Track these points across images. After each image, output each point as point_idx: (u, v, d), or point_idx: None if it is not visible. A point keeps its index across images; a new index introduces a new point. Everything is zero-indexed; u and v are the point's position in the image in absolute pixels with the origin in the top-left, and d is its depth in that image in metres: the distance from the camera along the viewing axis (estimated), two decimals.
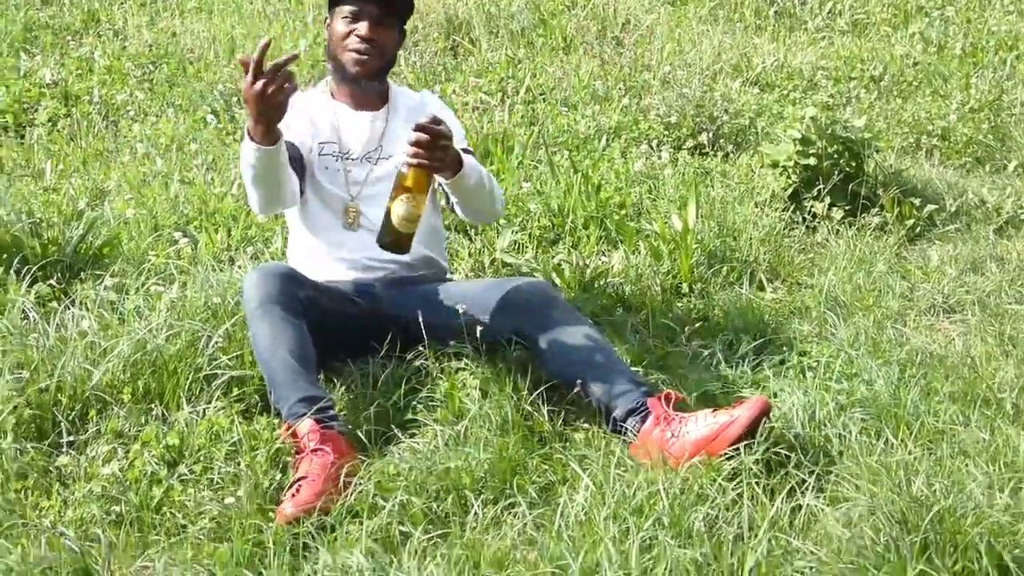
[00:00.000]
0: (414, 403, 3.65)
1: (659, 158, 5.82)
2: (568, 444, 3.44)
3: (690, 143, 6.09)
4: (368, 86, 3.93)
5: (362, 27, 3.83)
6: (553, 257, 4.68)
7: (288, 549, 2.98)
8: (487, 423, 3.43)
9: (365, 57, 3.85)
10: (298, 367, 3.40)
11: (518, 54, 7.46)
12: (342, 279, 3.86)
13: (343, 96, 3.99)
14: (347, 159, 3.92)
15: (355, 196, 3.91)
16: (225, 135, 6.00)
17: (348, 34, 3.85)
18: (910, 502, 2.89)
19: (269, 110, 3.33)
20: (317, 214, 3.93)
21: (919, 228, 5.21)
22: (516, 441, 3.36)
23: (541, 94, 6.77)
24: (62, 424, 3.48)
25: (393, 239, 3.47)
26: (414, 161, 3.35)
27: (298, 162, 3.79)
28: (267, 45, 3.30)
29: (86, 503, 3.16)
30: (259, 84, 3.27)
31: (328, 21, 3.93)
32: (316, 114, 3.95)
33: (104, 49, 7.21)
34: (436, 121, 3.39)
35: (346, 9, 3.86)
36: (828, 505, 3.08)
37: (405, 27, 4.00)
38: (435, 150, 3.38)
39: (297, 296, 3.56)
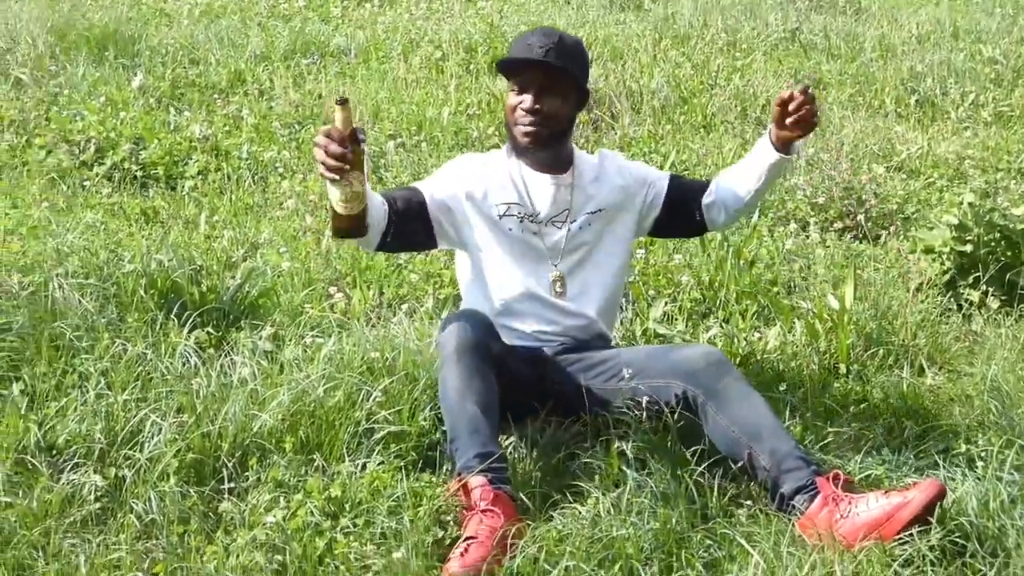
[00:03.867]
0: (574, 469, 3.60)
1: (808, 238, 5.76)
2: (732, 520, 3.36)
3: (838, 225, 6.03)
4: (544, 155, 3.90)
5: (527, 100, 3.82)
6: (707, 331, 4.63)
7: None
8: (648, 494, 3.37)
9: (532, 129, 3.84)
10: (482, 420, 3.38)
11: (660, 130, 7.45)
12: (516, 343, 3.84)
13: (526, 159, 3.96)
14: (533, 221, 3.89)
15: (557, 264, 3.89)
16: None
17: (516, 107, 3.85)
18: None
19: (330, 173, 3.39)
20: (511, 279, 3.89)
21: None
22: (680, 513, 3.29)
23: (685, 170, 6.74)
24: (223, 470, 3.48)
25: (343, 226, 3.52)
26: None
27: (414, 215, 3.82)
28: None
29: (249, 550, 3.14)
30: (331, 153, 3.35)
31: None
32: (496, 176, 3.93)
33: (251, 107, 7.31)
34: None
35: (513, 82, 3.87)
36: None
37: (587, 86, 3.94)
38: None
39: (491, 348, 3.55)
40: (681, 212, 4.02)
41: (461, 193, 3.89)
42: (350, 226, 3.54)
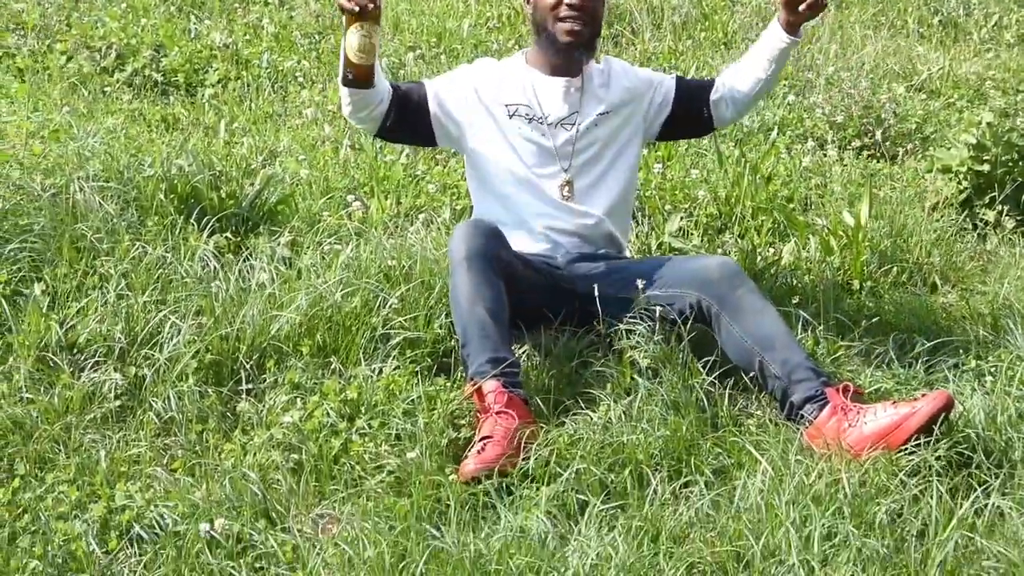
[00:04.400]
0: (586, 377, 3.65)
1: (825, 156, 5.76)
2: (742, 428, 3.41)
3: (856, 143, 6.02)
4: (580, 55, 3.90)
5: None
6: (721, 245, 4.65)
7: (467, 507, 3.00)
8: (659, 402, 3.42)
9: (578, 26, 3.82)
10: (492, 326, 3.41)
11: (680, 46, 7.42)
12: (527, 249, 3.85)
13: (538, 63, 3.96)
14: (542, 123, 3.91)
15: (567, 168, 3.90)
16: None
17: (558, 3, 3.82)
18: None
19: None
20: (519, 182, 3.90)
21: None
22: (691, 421, 3.34)
23: None
24: (241, 372, 3.54)
25: (354, 74, 3.67)
26: None
27: (415, 105, 3.90)
28: None
29: (266, 449, 3.21)
30: None
31: None
32: (508, 79, 3.95)
33: (272, 17, 7.29)
34: None
35: None
36: (1015, 507, 3.02)
37: None
38: None
39: (500, 256, 3.57)
40: (690, 110, 4.05)
41: (471, 91, 3.92)
42: (359, 75, 3.68)
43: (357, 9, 3.51)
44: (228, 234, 4.23)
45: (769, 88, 4.08)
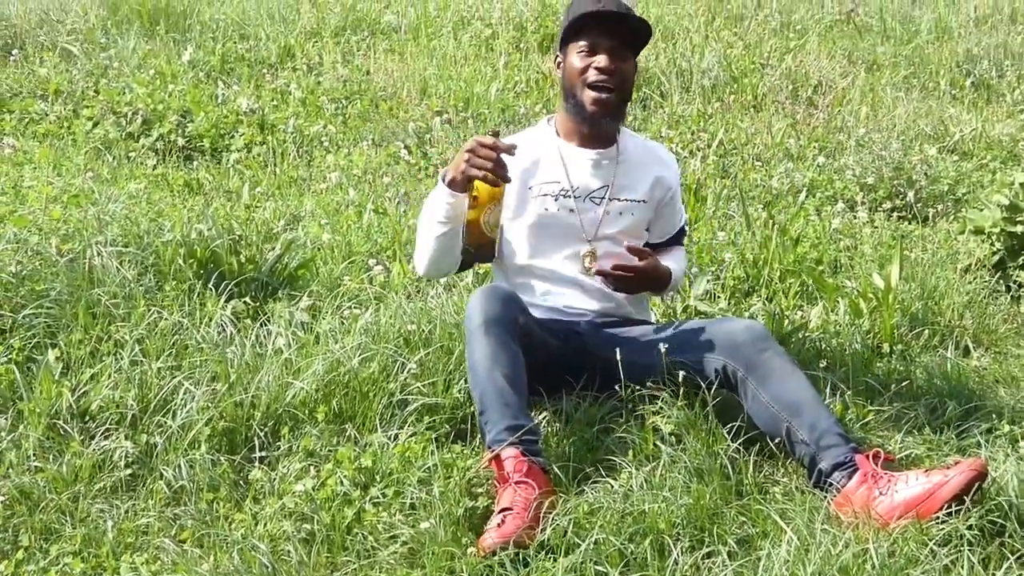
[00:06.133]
0: (607, 443, 3.57)
1: (855, 218, 5.69)
2: (767, 496, 3.31)
3: (887, 205, 5.95)
4: (608, 123, 3.83)
5: (600, 59, 3.73)
6: (748, 309, 4.58)
7: None
8: (682, 469, 3.33)
9: (604, 94, 3.75)
10: (511, 392, 3.33)
11: (709, 109, 7.38)
12: (549, 317, 3.79)
13: (567, 131, 3.89)
14: (568, 197, 3.83)
15: (591, 240, 3.83)
16: (417, 170, 6.03)
17: (586, 68, 3.75)
18: None
19: (475, 170, 3.41)
20: (542, 254, 3.84)
21: None
22: (714, 489, 3.25)
23: (733, 148, 6.68)
24: (255, 439, 3.47)
25: (483, 242, 3.61)
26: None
27: None
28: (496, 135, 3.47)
29: (278, 519, 3.13)
30: (486, 146, 3.40)
31: (559, 60, 3.86)
32: (538, 156, 3.87)
33: (299, 82, 7.30)
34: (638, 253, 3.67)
35: (582, 43, 3.77)
36: None
37: (637, 59, 3.88)
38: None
39: (518, 321, 3.50)
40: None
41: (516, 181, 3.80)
42: (487, 250, 3.69)
43: (500, 181, 3.46)
44: (247, 299, 4.19)
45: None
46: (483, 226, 3.55)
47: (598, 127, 3.83)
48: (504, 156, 3.47)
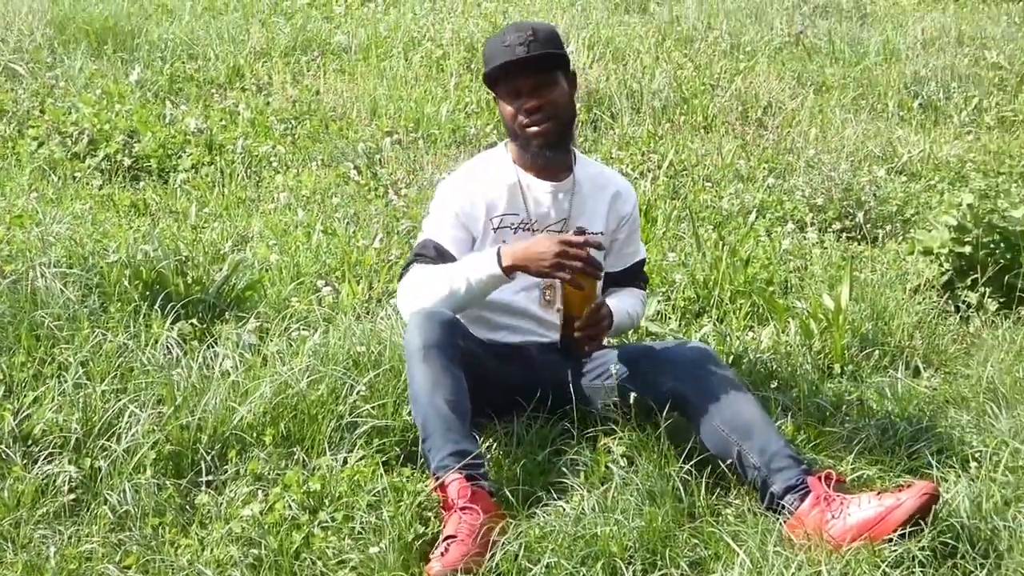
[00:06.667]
0: (559, 465, 3.54)
1: (805, 238, 5.71)
2: (720, 519, 3.30)
3: (836, 226, 5.98)
4: (555, 156, 3.78)
5: (527, 102, 3.69)
6: (699, 330, 4.57)
7: None
8: (634, 491, 3.31)
9: (540, 128, 3.70)
10: (453, 418, 3.30)
11: (659, 130, 7.38)
12: (503, 342, 3.77)
13: (526, 165, 3.83)
14: (529, 230, 3.78)
15: None
16: (367, 191, 5.98)
17: (515, 113, 3.72)
18: None
19: (563, 272, 3.43)
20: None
21: None
22: (667, 511, 3.23)
23: (683, 169, 6.68)
24: (202, 462, 3.42)
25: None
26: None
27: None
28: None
29: (225, 544, 3.09)
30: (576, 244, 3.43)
31: (495, 97, 3.83)
32: (494, 184, 3.81)
33: (248, 103, 7.25)
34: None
35: (502, 91, 3.74)
36: None
37: (572, 70, 3.83)
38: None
39: (458, 345, 3.46)
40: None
41: (458, 219, 3.75)
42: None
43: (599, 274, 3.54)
44: (194, 321, 4.13)
45: None
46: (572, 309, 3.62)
47: (547, 160, 3.79)
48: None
